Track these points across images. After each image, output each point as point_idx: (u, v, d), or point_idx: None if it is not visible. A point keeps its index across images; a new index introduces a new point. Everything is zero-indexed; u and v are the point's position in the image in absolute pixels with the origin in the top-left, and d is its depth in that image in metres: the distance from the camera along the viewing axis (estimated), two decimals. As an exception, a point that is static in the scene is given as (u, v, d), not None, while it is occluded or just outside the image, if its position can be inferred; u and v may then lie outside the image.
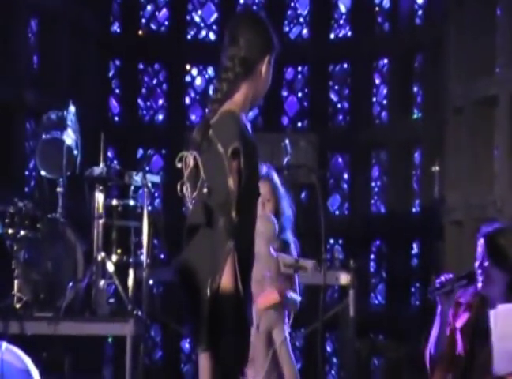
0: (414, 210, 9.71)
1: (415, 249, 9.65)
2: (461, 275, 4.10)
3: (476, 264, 4.06)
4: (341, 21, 10.59)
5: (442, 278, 4.08)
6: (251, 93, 3.26)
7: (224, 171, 3.07)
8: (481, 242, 4.07)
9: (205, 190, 3.09)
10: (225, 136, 3.11)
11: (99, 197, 6.29)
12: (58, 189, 6.40)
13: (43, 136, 6.55)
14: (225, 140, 3.09)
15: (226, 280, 3.04)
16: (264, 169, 4.53)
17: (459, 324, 4.12)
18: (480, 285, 4.04)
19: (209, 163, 3.13)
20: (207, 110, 3.28)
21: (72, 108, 6.60)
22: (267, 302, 4.49)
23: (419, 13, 9.94)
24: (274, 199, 4.63)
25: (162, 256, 8.44)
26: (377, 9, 10.33)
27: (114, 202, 6.46)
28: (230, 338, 3.05)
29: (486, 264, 4.03)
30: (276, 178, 4.66)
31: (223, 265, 3.04)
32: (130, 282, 6.25)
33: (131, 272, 6.28)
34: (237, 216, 3.07)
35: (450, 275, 4.09)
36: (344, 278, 7.19)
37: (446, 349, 4.12)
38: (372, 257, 9.95)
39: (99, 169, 6.37)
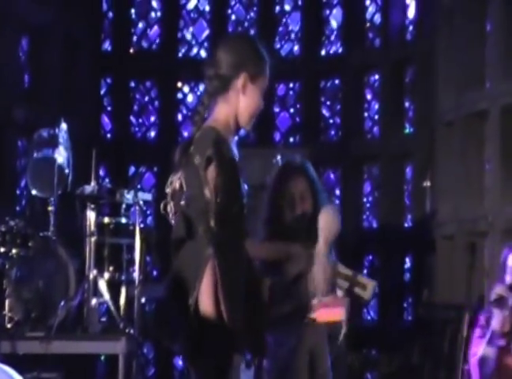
0: (406, 225, 9.73)
1: (407, 263, 9.65)
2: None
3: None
4: (332, 37, 10.63)
5: (497, 289, 4.21)
6: (233, 111, 3.28)
7: (200, 181, 3.11)
8: None
9: (182, 202, 3.12)
10: (201, 147, 3.15)
11: (91, 215, 6.29)
12: (50, 208, 6.39)
13: (35, 155, 6.54)
14: (200, 151, 3.14)
15: (204, 287, 3.04)
16: (297, 158, 4.21)
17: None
18: None
19: (188, 177, 3.16)
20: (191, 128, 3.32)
21: (63, 126, 6.60)
22: (330, 317, 3.85)
23: (410, 28, 9.99)
24: (311, 195, 4.18)
25: (154, 273, 8.43)
26: (368, 24, 10.38)
27: (106, 220, 6.45)
28: (209, 349, 3.04)
29: None
30: (312, 171, 4.22)
31: (201, 272, 3.04)
32: (122, 299, 6.23)
33: (123, 290, 6.27)
34: (218, 226, 3.07)
35: (501, 286, 4.24)
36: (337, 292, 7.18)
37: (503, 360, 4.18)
38: (365, 271, 9.95)
39: (91, 187, 6.36)
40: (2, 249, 5.94)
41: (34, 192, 6.47)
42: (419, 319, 8.51)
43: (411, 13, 9.94)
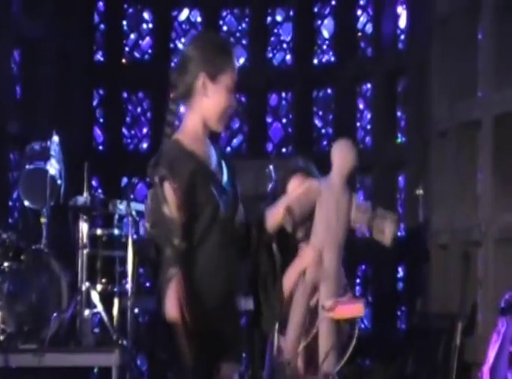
0: (399, 234, 9.72)
1: (400, 272, 9.64)
2: None
3: None
4: (324, 47, 10.65)
5: (507, 296, 4.16)
6: (199, 116, 3.21)
7: (159, 200, 3.06)
8: None
9: (147, 224, 3.11)
10: (158, 165, 3.11)
11: (84, 227, 6.29)
12: (42, 220, 6.39)
13: (27, 167, 6.55)
14: (156, 169, 3.10)
15: (167, 309, 3.01)
16: (300, 161, 4.07)
17: None
18: None
19: (152, 196, 3.15)
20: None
21: (55, 138, 6.61)
22: (349, 313, 3.45)
23: (402, 37, 10.01)
24: None
25: (147, 284, 8.41)
26: (360, 34, 10.39)
27: (99, 231, 6.47)
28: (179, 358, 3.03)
29: None
30: (316, 172, 4.04)
31: (163, 294, 3.01)
32: (115, 311, 6.23)
33: (116, 302, 6.26)
34: (183, 242, 3.03)
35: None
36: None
37: None
38: (358, 281, 9.94)
39: (83, 198, 6.37)
40: (-5, 263, 5.93)
41: (26, 203, 6.47)
42: (413, 328, 8.50)
43: (402, 22, 9.96)
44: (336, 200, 3.45)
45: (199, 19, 10.80)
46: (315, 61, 10.62)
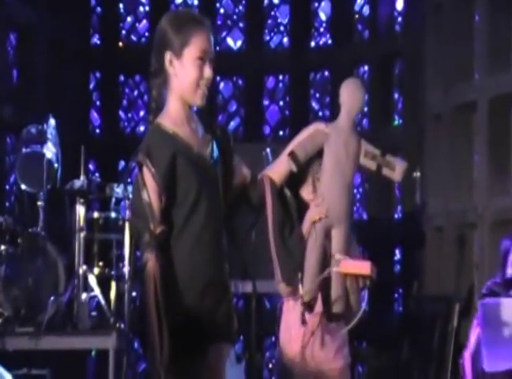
0: (396, 216, 9.75)
1: (397, 255, 9.67)
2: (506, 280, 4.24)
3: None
4: (321, 29, 10.62)
5: (488, 283, 4.20)
6: (176, 96, 3.17)
7: (138, 186, 3.04)
8: None
9: (127, 211, 3.10)
10: (137, 151, 3.08)
11: (81, 210, 6.30)
12: (39, 203, 6.40)
13: (23, 150, 6.55)
14: (134, 156, 3.07)
15: (142, 294, 3.00)
16: None
17: None
18: None
19: (134, 182, 3.14)
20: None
21: (52, 121, 6.61)
22: (355, 269, 3.37)
23: (399, 19, 9.99)
24: None
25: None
26: (356, 16, 10.37)
27: (96, 215, 6.47)
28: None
29: None
30: None
31: (140, 279, 3.01)
32: (113, 295, 6.25)
33: (113, 285, 6.28)
34: (160, 228, 3.00)
35: (497, 280, 4.22)
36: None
37: None
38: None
39: (80, 182, 6.37)
40: (-9, 246, 5.95)
41: (23, 187, 6.47)
42: (409, 311, 8.53)
43: (399, 5, 9.93)
44: (344, 141, 3.42)
45: (196, 1, 10.76)
46: (312, 43, 10.60)
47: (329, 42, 10.52)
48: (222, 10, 10.77)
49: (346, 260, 3.39)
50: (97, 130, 10.47)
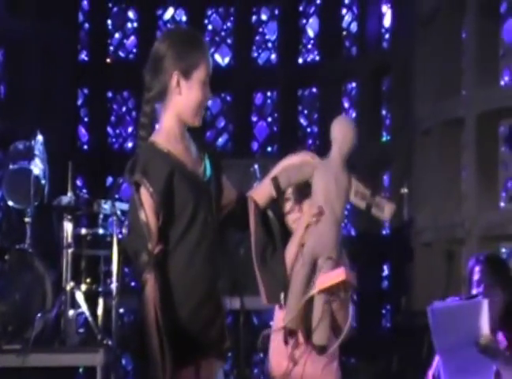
0: (384, 232, 9.75)
1: (385, 271, 9.67)
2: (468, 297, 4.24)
3: (480, 289, 4.22)
4: (309, 46, 10.67)
5: (449, 301, 4.21)
6: (175, 114, 3.18)
7: (135, 205, 3.04)
8: (478, 268, 4.27)
9: (124, 230, 3.09)
10: (132, 170, 3.07)
11: (68, 227, 6.27)
12: (26, 219, 6.37)
13: (11, 166, 6.53)
14: (130, 175, 3.07)
15: (142, 313, 3.01)
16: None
17: None
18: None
19: (130, 201, 3.13)
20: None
21: (39, 137, 6.60)
22: (328, 281, 3.31)
23: (386, 36, 10.04)
24: None
25: (133, 284, 8.41)
26: (344, 33, 10.42)
27: (84, 231, 6.44)
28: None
29: (489, 285, 4.21)
30: None
31: (141, 299, 3.01)
32: (100, 311, 6.22)
33: (101, 301, 6.25)
34: (158, 247, 3.01)
35: (457, 299, 4.23)
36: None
37: None
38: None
39: (68, 198, 6.35)
40: (-22, 263, 5.92)
41: (10, 203, 6.44)
42: (397, 326, 8.52)
43: (387, 21, 9.98)
44: (335, 177, 3.39)
45: (184, 18, 10.80)
46: (300, 60, 10.64)
47: (317, 58, 10.56)
48: (210, 27, 10.80)
49: (320, 276, 3.35)
50: (85, 146, 10.47)
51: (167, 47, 3.17)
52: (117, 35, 10.68)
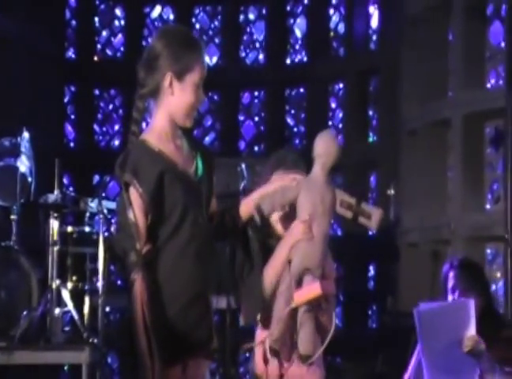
0: (370, 233, 9.76)
1: (371, 271, 9.70)
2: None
3: (456, 295, 4.23)
4: (297, 46, 10.68)
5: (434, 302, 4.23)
6: (167, 114, 3.17)
7: (124, 204, 3.04)
8: (453, 274, 4.28)
9: (111, 228, 3.09)
10: (122, 169, 3.06)
11: (54, 224, 6.25)
12: (12, 217, 6.35)
13: (-4, 164, 6.51)
14: (120, 172, 3.06)
15: (131, 312, 3.01)
16: (287, 155, 3.81)
17: None
18: None
19: (118, 199, 3.12)
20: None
21: (26, 134, 6.58)
22: (305, 296, 3.29)
23: (374, 37, 10.06)
24: None
25: (119, 282, 8.40)
26: (332, 33, 10.43)
27: (70, 229, 6.43)
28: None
29: (464, 290, 4.22)
30: (302, 165, 3.75)
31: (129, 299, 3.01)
32: (86, 309, 6.21)
33: (87, 299, 6.24)
34: (146, 247, 3.01)
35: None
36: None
37: None
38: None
39: (54, 196, 6.33)
40: (-37, 260, 5.90)
41: (-4, 200, 6.43)
42: (383, 327, 8.54)
43: (374, 22, 10.01)
44: (320, 195, 3.36)
45: (171, 16, 10.78)
46: (288, 60, 10.65)
47: (305, 58, 10.57)
48: (198, 25, 10.80)
49: (296, 292, 3.32)
50: (72, 144, 10.44)
51: (163, 46, 3.17)
52: (104, 33, 10.65)
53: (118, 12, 10.70)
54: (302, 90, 10.58)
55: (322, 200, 3.34)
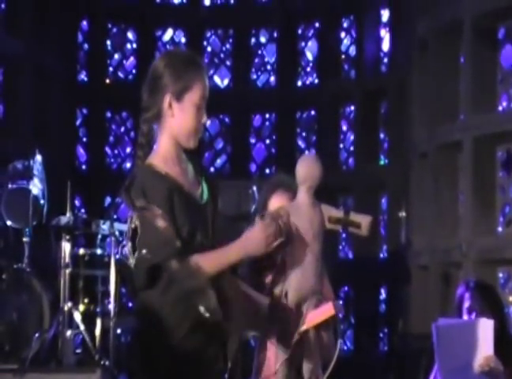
0: (381, 255, 9.76)
1: (382, 294, 9.67)
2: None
3: (472, 315, 4.23)
4: (308, 69, 10.72)
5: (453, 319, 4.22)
6: (170, 136, 3.16)
7: (147, 220, 3.01)
8: (469, 295, 4.28)
9: (144, 251, 3.02)
10: (135, 194, 3.04)
11: (66, 246, 6.27)
12: (24, 239, 6.37)
13: (9, 186, 6.54)
14: (126, 195, 3.04)
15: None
16: (282, 179, 3.82)
17: None
18: None
19: (140, 221, 3.08)
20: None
21: (38, 157, 6.61)
22: (318, 317, 3.28)
23: (385, 60, 10.09)
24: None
25: (130, 304, 8.40)
26: (343, 56, 10.47)
27: (81, 251, 6.45)
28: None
29: (480, 312, 4.22)
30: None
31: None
32: (98, 331, 6.21)
33: (98, 322, 6.24)
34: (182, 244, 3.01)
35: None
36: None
37: None
38: (340, 302, 9.95)
39: (66, 218, 6.36)
40: (-24, 282, 5.91)
41: (9, 223, 6.45)
42: (394, 349, 8.51)
43: (385, 45, 10.04)
44: (309, 219, 3.37)
45: (183, 39, 10.85)
46: (299, 82, 10.69)
47: (316, 81, 10.60)
48: (209, 48, 10.86)
49: (309, 314, 3.31)
50: (83, 166, 10.48)
51: (163, 67, 3.15)
52: (116, 56, 10.72)
53: (130, 35, 10.77)
54: (313, 112, 10.61)
55: (312, 225, 3.36)
